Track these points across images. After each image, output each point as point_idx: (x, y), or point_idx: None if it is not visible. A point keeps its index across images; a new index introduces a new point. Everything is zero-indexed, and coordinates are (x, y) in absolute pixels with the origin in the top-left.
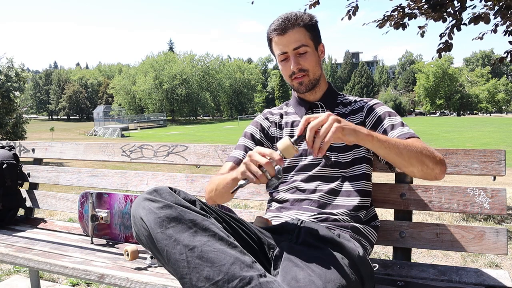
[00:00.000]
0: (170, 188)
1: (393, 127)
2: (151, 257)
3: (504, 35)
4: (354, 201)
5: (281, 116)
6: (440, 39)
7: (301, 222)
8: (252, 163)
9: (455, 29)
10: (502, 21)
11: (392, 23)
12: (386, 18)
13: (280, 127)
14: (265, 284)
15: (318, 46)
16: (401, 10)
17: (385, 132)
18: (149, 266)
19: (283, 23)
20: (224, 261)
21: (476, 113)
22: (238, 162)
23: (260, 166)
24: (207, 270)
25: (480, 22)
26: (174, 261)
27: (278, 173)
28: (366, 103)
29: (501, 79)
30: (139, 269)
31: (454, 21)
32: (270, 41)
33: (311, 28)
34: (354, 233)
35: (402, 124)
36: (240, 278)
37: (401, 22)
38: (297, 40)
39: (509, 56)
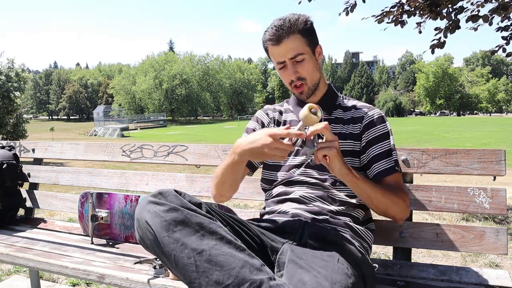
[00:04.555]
0: (176, 191)
1: (379, 157)
2: (155, 267)
3: (497, 31)
4: (354, 199)
5: (281, 113)
6: (435, 35)
7: (304, 223)
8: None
9: (449, 31)
10: (498, 16)
11: (391, 17)
12: (384, 13)
13: (278, 124)
14: (275, 287)
15: (315, 50)
16: (401, 7)
17: (371, 161)
18: (157, 276)
19: (277, 32)
20: (234, 264)
21: (476, 113)
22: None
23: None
24: (217, 274)
25: (479, 20)
26: (182, 265)
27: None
28: (366, 113)
29: (501, 79)
30: (139, 269)
31: (450, 22)
32: (266, 49)
33: (307, 32)
34: (354, 235)
35: (389, 153)
36: (251, 282)
37: (400, 19)
38: (293, 49)
39: (500, 50)
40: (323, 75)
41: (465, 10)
